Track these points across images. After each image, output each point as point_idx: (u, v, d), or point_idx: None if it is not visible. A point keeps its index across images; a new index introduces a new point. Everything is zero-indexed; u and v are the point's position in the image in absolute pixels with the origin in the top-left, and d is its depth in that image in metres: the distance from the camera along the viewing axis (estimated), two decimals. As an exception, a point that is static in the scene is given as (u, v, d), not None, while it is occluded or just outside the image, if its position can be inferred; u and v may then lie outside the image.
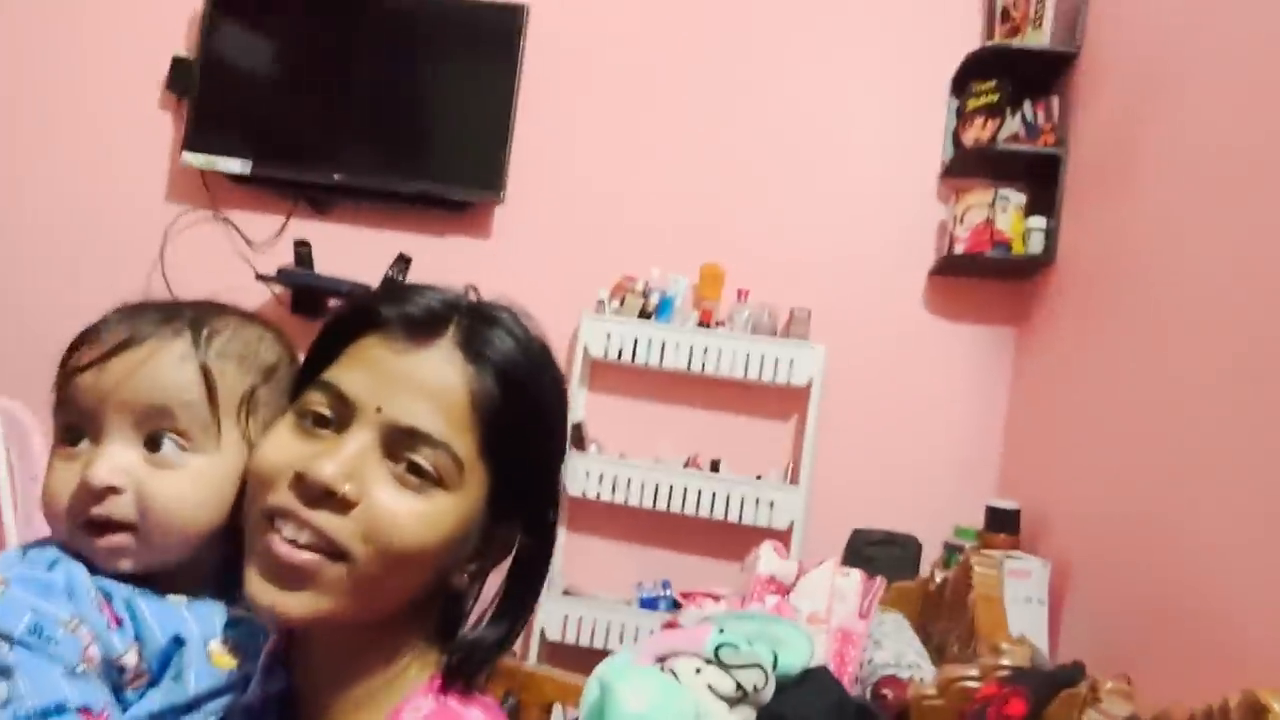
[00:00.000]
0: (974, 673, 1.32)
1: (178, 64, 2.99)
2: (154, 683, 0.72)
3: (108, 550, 0.73)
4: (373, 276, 2.89)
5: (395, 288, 0.78)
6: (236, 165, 2.89)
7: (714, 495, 2.71)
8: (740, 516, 2.70)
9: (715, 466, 2.80)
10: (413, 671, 0.75)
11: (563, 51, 2.97)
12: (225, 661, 0.72)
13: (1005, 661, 1.33)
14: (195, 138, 2.92)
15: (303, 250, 2.93)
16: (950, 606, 1.78)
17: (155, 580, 0.76)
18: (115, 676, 0.71)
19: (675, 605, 2.83)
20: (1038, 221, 2.56)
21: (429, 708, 0.73)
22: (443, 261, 2.96)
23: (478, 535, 0.74)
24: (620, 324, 2.75)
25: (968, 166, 2.72)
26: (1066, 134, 2.58)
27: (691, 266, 2.84)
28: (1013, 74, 2.65)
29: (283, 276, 2.84)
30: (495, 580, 0.80)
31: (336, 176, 2.89)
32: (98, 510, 0.72)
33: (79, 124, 3.13)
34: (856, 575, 1.73)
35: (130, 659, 0.71)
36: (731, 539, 2.78)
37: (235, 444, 0.77)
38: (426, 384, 0.71)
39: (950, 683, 1.33)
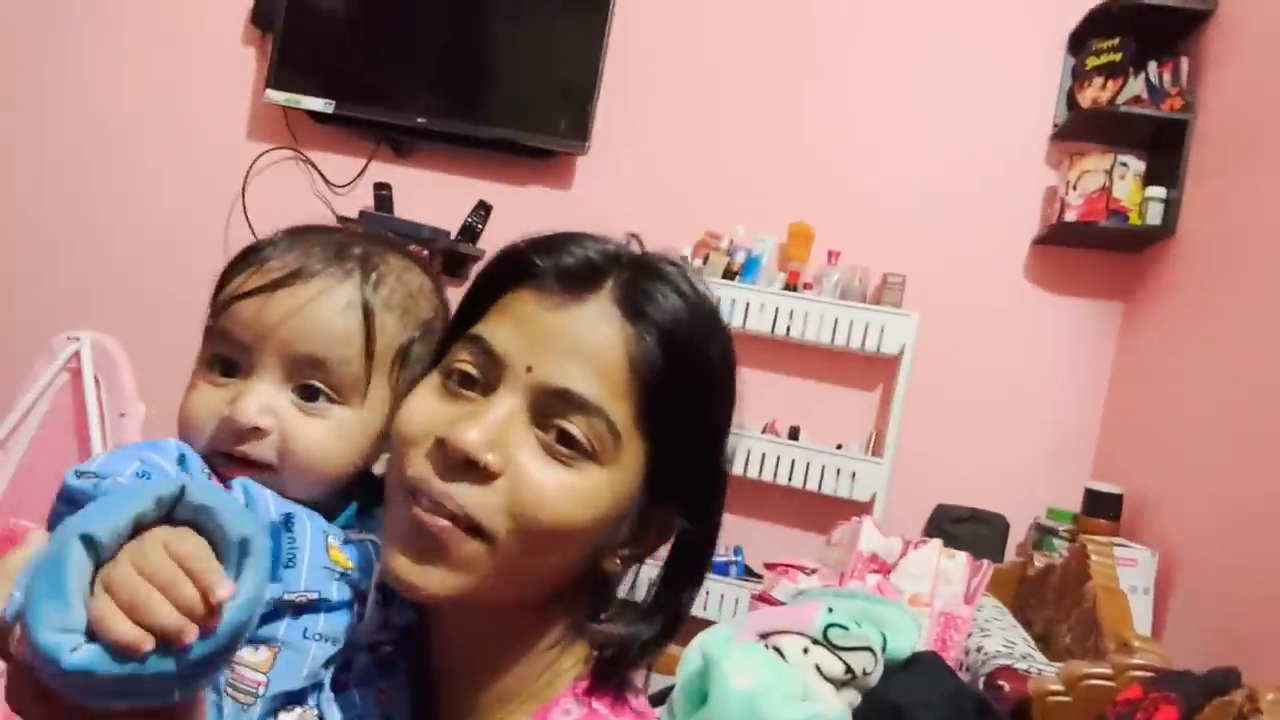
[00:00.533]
0: (1106, 670, 1.24)
1: (262, -2, 2.94)
2: None
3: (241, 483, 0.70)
4: (452, 222, 2.85)
5: (551, 236, 0.70)
6: (319, 104, 2.84)
7: (793, 463, 2.63)
8: (820, 486, 2.62)
9: (794, 434, 2.72)
10: (561, 664, 0.70)
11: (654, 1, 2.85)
12: (341, 559, 0.67)
13: (1138, 660, 1.24)
14: (279, 74, 2.87)
15: (383, 193, 2.89)
16: (1058, 595, 1.69)
17: None
18: None
19: (747, 571, 2.78)
20: (1157, 191, 2.40)
21: (578, 713, 0.67)
22: (523, 210, 2.90)
23: (634, 516, 0.68)
24: (705, 282, 2.65)
25: (1082, 130, 2.57)
26: (1195, 99, 2.40)
27: (779, 225, 2.73)
28: (1138, 31, 2.48)
29: (364, 219, 2.80)
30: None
31: (419, 120, 2.83)
32: (240, 449, 0.70)
33: (164, 57, 3.10)
34: (962, 558, 1.65)
35: None
36: (809, 509, 2.70)
37: (381, 398, 0.74)
38: (581, 343, 0.65)
39: (1078, 679, 1.24)
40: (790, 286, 2.66)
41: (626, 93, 2.84)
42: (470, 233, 2.84)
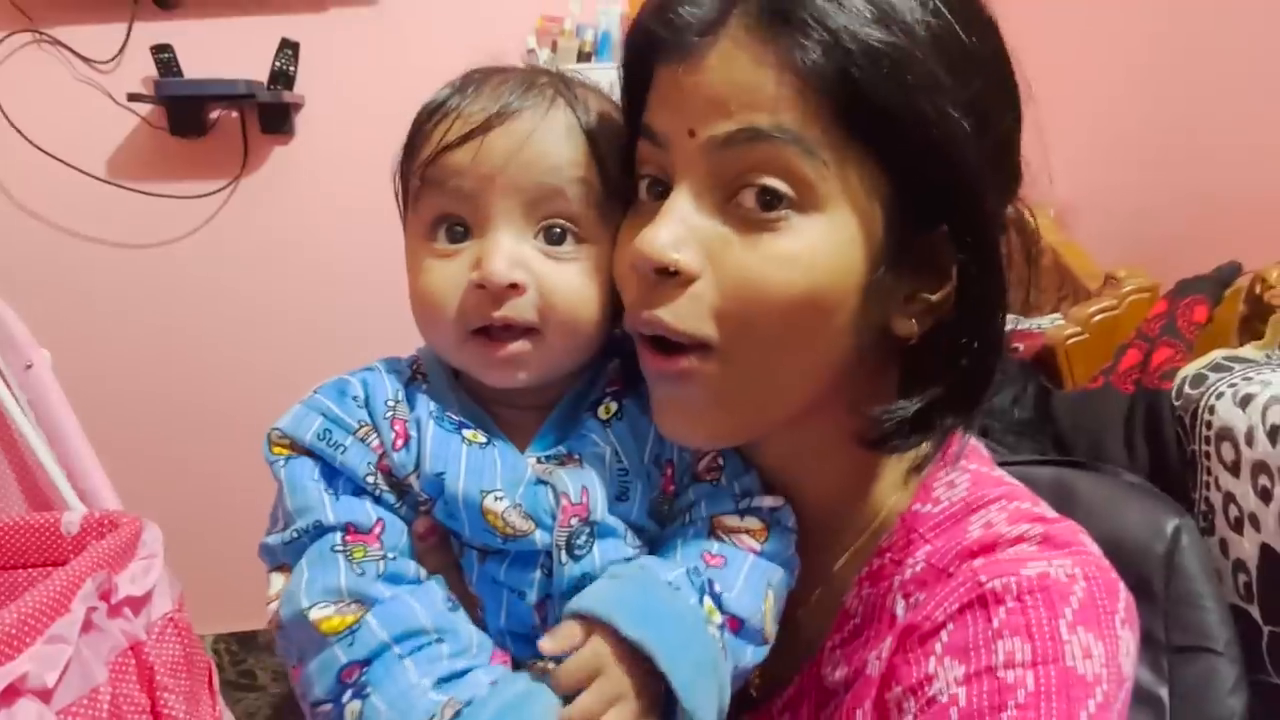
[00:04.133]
0: (1111, 303, 1.41)
1: None
2: None
3: (506, 360, 0.65)
4: (258, 70, 2.52)
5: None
6: (48, -36, 2.35)
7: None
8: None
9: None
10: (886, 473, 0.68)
11: None
12: (497, 521, 0.62)
13: (1131, 285, 1.42)
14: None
15: (164, 56, 2.48)
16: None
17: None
18: (414, 494, 0.64)
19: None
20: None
21: (964, 481, 0.67)
22: (332, 38, 2.60)
23: (892, 258, 0.59)
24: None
25: None
26: None
27: (616, -8, 2.61)
28: None
29: (159, 89, 2.42)
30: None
31: (180, -42, 2.41)
32: (500, 313, 0.63)
33: None
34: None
35: (414, 482, 0.64)
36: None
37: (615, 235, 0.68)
38: (731, 82, 0.57)
39: (1090, 318, 1.41)
40: (648, 54, 2.58)
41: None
42: (285, 78, 2.53)
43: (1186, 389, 1.13)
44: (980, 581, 0.59)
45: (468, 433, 0.65)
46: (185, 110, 2.50)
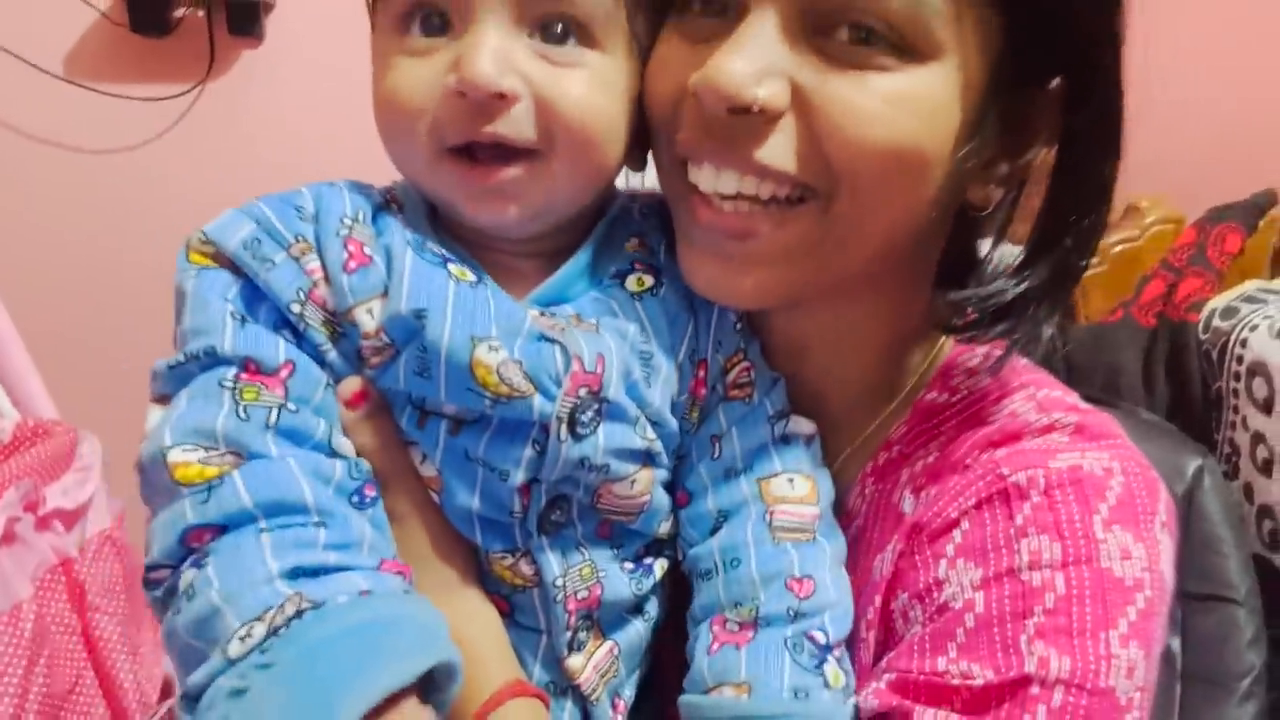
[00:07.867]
0: (1133, 233, 1.31)
1: None
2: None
3: (493, 191, 0.52)
4: (227, -32, 2.35)
5: None
6: None
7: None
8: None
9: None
10: (910, 360, 0.61)
11: None
12: (489, 376, 0.49)
13: (1155, 216, 1.32)
14: None
15: (125, -54, 2.31)
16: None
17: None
18: (354, 339, 0.52)
19: None
20: None
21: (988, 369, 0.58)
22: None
23: (991, 117, 0.52)
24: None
25: None
26: None
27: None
28: None
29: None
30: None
31: None
32: (489, 128, 0.51)
33: None
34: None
35: (364, 318, 0.51)
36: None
37: (636, 47, 0.56)
38: None
39: (1109, 249, 1.31)
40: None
41: None
42: (255, -26, 2.36)
43: (1216, 321, 1.05)
44: (1002, 474, 0.52)
45: (454, 268, 0.53)
46: (147, 6, 2.34)
